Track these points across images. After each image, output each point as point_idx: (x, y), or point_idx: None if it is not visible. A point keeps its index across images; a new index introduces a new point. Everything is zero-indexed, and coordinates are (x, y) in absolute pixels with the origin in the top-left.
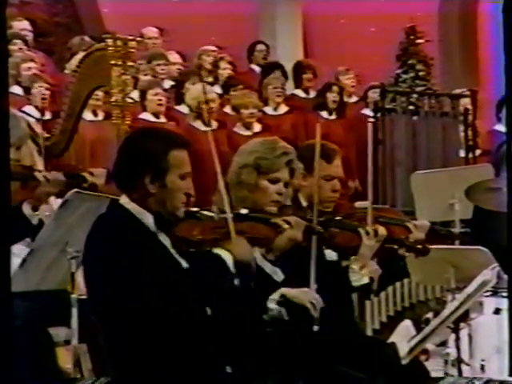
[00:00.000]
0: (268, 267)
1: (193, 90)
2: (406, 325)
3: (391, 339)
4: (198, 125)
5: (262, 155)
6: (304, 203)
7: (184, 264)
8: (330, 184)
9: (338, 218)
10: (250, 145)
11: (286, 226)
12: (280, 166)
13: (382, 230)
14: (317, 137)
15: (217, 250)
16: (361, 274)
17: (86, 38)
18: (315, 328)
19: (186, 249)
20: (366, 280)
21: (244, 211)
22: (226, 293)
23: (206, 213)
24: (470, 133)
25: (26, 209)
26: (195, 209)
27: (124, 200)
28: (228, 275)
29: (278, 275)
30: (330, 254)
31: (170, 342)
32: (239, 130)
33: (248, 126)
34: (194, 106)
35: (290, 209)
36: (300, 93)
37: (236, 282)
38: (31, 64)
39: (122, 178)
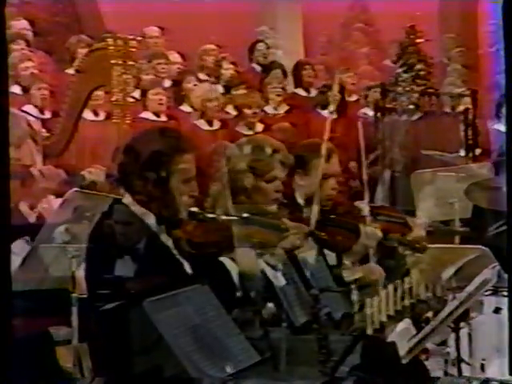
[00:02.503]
0: (269, 272)
1: (198, 89)
2: (406, 324)
3: (391, 338)
4: (202, 124)
5: (253, 157)
6: (301, 202)
7: (186, 265)
8: (328, 182)
9: (334, 216)
10: (240, 147)
11: (289, 229)
12: (273, 164)
13: (378, 231)
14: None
15: (222, 259)
16: (353, 269)
17: (84, 37)
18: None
19: (189, 250)
20: (358, 275)
21: (246, 214)
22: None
23: (209, 215)
24: (470, 132)
25: (23, 207)
26: (199, 210)
27: (127, 200)
28: (231, 286)
29: (279, 280)
30: (331, 257)
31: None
32: (242, 129)
33: (251, 126)
34: (199, 104)
35: (285, 209)
36: (301, 92)
37: (238, 294)
38: (29, 63)
39: (126, 179)
